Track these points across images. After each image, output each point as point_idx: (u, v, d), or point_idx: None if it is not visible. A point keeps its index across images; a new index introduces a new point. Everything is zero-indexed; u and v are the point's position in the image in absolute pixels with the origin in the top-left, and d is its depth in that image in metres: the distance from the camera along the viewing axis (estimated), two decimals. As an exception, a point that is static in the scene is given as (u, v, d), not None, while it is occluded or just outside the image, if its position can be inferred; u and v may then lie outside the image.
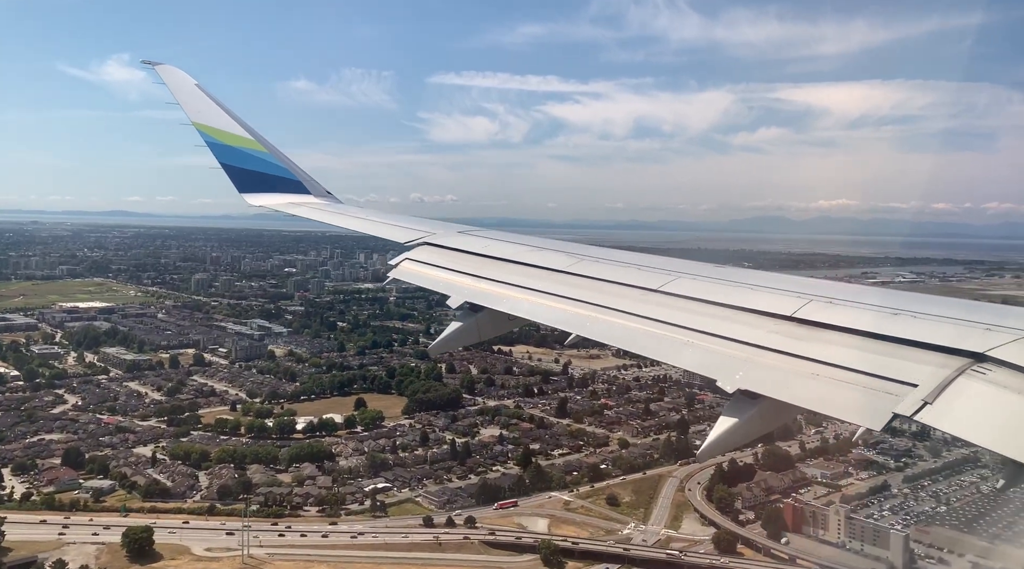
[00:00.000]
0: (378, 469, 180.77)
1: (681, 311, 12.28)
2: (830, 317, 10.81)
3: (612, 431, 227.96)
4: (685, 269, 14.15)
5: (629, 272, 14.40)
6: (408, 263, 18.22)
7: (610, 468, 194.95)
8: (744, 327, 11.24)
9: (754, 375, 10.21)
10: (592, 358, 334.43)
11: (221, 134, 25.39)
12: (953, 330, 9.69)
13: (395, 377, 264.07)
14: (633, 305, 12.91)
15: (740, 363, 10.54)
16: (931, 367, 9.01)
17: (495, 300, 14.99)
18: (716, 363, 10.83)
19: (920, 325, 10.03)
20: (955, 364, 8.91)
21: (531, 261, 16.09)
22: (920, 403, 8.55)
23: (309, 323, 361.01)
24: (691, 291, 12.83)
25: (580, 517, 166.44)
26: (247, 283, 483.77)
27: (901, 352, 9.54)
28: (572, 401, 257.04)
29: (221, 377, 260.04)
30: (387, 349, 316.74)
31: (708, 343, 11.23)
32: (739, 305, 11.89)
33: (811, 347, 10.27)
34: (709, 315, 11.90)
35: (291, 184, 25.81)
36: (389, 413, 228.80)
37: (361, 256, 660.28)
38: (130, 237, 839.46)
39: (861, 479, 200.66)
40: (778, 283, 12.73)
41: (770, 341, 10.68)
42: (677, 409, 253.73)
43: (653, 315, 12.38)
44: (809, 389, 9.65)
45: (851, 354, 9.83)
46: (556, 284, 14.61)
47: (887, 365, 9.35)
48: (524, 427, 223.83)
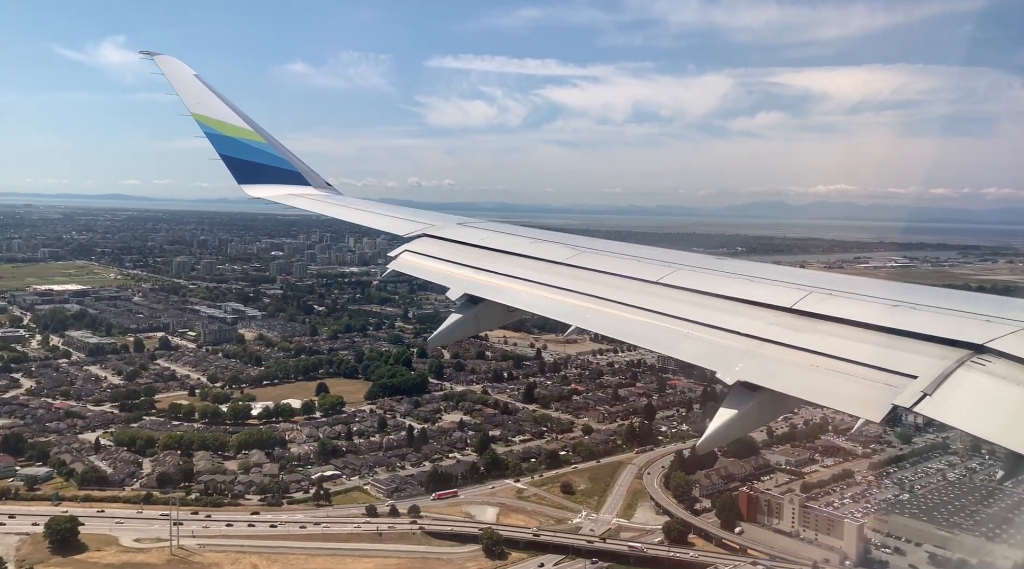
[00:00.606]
0: (329, 456, 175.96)
1: (680, 303, 12.20)
2: (830, 309, 10.67)
3: (578, 417, 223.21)
4: (684, 261, 14.09)
5: (628, 264, 14.29)
6: (408, 255, 18.14)
7: (570, 455, 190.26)
8: (744, 319, 11.13)
9: (753, 367, 10.08)
10: (569, 343, 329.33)
11: (220, 125, 25.22)
12: (953, 321, 9.58)
13: (363, 362, 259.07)
14: (633, 297, 12.78)
15: (740, 355, 10.44)
16: (930, 358, 8.88)
17: (495, 292, 14.84)
18: (715, 355, 10.70)
19: (920, 316, 9.90)
20: (954, 355, 8.80)
21: (530, 253, 15.95)
22: (919, 395, 8.40)
23: (285, 307, 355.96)
24: (690, 283, 12.72)
25: (532, 505, 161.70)
26: (230, 266, 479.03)
27: (901, 344, 9.42)
28: (542, 386, 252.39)
29: (186, 361, 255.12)
30: (361, 333, 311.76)
31: (707, 335, 11.15)
32: (738, 297, 11.79)
33: (810, 339, 10.17)
34: (708, 307, 11.82)
35: (290, 175, 25.73)
36: (352, 399, 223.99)
37: (351, 240, 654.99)
38: (122, 220, 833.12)
39: (826, 466, 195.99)
40: (778, 275, 12.62)
41: (770, 333, 10.58)
42: (648, 395, 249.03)
43: (653, 307, 12.30)
44: (808, 381, 9.51)
45: (850, 346, 9.73)
46: (555, 276, 14.50)
47: (886, 357, 9.23)
48: (488, 413, 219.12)
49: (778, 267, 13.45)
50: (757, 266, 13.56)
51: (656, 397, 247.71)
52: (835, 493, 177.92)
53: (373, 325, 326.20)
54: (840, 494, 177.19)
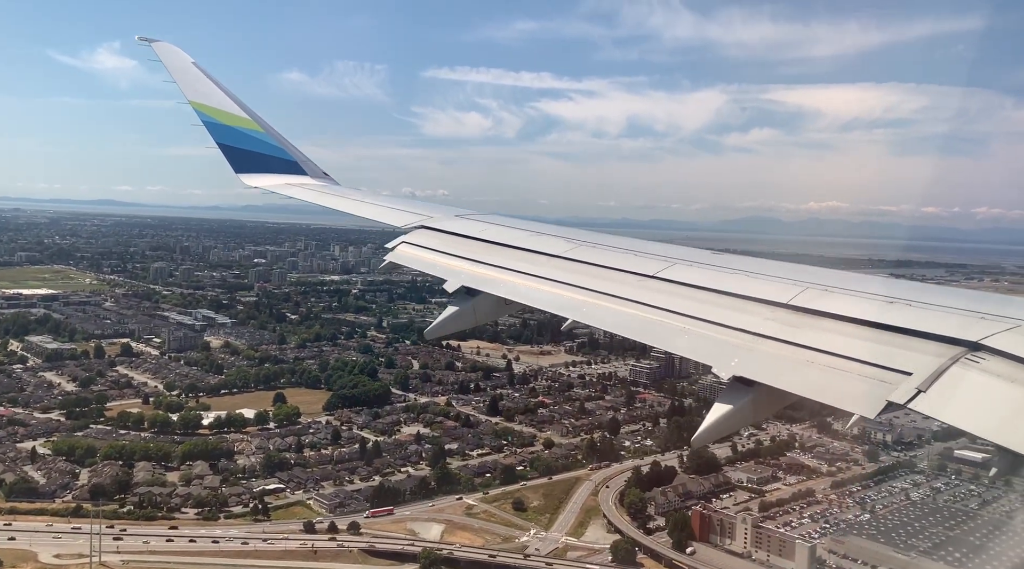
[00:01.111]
0: (275, 469, 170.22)
1: (677, 297, 12.00)
2: (826, 305, 10.55)
3: (541, 430, 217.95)
4: (682, 256, 13.86)
5: (626, 258, 14.00)
6: (405, 247, 17.67)
7: (527, 470, 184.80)
8: (740, 314, 10.98)
9: (749, 362, 10.01)
10: (543, 354, 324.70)
11: (218, 113, 24.72)
12: (948, 319, 9.47)
13: (327, 371, 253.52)
14: (630, 291, 12.61)
15: (735, 350, 10.33)
16: (926, 356, 8.86)
17: (492, 284, 14.61)
18: (711, 350, 10.59)
19: (916, 314, 9.79)
20: (950, 353, 8.75)
21: (528, 246, 15.64)
22: (914, 391, 8.38)
23: (257, 314, 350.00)
24: (687, 278, 12.50)
25: (479, 523, 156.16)
26: (209, 273, 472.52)
27: (896, 340, 9.35)
28: (508, 398, 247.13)
29: (146, 368, 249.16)
30: (331, 342, 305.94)
31: (704, 330, 11.00)
32: (735, 292, 11.55)
33: (806, 335, 10.04)
34: (705, 302, 11.61)
35: (288, 164, 25.17)
36: (310, 409, 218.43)
37: (335, 248, 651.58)
38: (109, 225, 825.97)
39: (788, 484, 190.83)
40: (774, 270, 12.37)
41: (766, 328, 10.46)
42: (615, 408, 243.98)
43: (649, 301, 12.13)
44: (804, 376, 9.46)
45: (846, 342, 9.63)
46: (553, 269, 14.23)
47: (882, 353, 9.20)
48: (448, 425, 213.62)
49: (775, 263, 13.08)
50: (754, 262, 13.30)
51: (623, 411, 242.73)
52: (794, 512, 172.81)
53: (345, 334, 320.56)
54: (799, 513, 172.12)
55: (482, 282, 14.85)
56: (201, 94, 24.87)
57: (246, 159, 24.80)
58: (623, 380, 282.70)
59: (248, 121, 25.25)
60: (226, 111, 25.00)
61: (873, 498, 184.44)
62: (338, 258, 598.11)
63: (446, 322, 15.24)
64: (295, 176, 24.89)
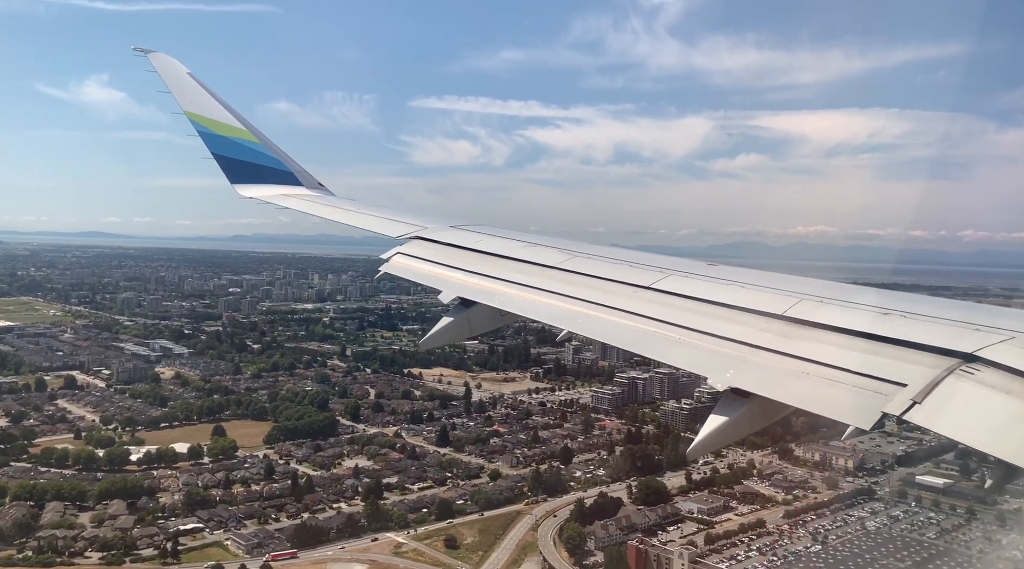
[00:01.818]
0: (197, 507, 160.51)
1: (672, 308, 11.84)
2: (821, 316, 10.42)
3: (491, 461, 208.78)
4: (677, 267, 13.62)
5: (621, 269, 13.76)
6: (399, 257, 17.27)
7: (467, 504, 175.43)
8: (735, 325, 10.85)
9: (745, 373, 9.89)
10: (507, 381, 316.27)
11: (213, 124, 24.31)
12: (943, 330, 9.38)
13: (275, 402, 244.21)
14: (625, 302, 12.45)
15: (731, 361, 10.22)
16: (921, 367, 8.79)
17: (487, 295, 14.45)
18: (707, 361, 10.49)
19: (910, 325, 9.68)
20: (945, 364, 8.69)
21: (524, 257, 15.39)
22: (909, 403, 8.30)
23: (217, 344, 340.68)
24: (682, 289, 12.37)
25: (406, 563, 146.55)
26: (179, 303, 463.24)
27: (891, 352, 9.24)
28: (462, 428, 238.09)
29: (88, 402, 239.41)
30: (288, 372, 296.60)
31: (699, 341, 10.88)
32: (730, 303, 11.42)
33: (801, 346, 9.92)
34: (700, 313, 11.48)
35: (283, 175, 24.75)
36: (251, 442, 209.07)
37: (315, 276, 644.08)
38: (90, 257, 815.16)
39: (740, 514, 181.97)
40: (769, 282, 12.17)
41: (761, 339, 10.34)
42: (572, 436, 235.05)
43: (645, 312, 11.97)
44: (799, 388, 9.36)
45: (841, 353, 9.52)
46: (548, 280, 14.03)
47: (877, 364, 9.10)
48: (392, 458, 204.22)
49: (770, 274, 12.77)
50: (749, 273, 12.95)
51: (580, 439, 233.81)
52: (742, 545, 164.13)
53: (304, 363, 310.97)
54: (747, 546, 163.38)
55: (477, 293, 14.63)
56: (196, 105, 24.48)
57: (241, 170, 24.34)
58: (585, 407, 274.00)
59: (243, 131, 24.78)
60: (221, 122, 24.55)
61: (827, 528, 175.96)
62: (315, 286, 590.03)
63: (441, 332, 14.98)
64: (290, 186, 24.39)
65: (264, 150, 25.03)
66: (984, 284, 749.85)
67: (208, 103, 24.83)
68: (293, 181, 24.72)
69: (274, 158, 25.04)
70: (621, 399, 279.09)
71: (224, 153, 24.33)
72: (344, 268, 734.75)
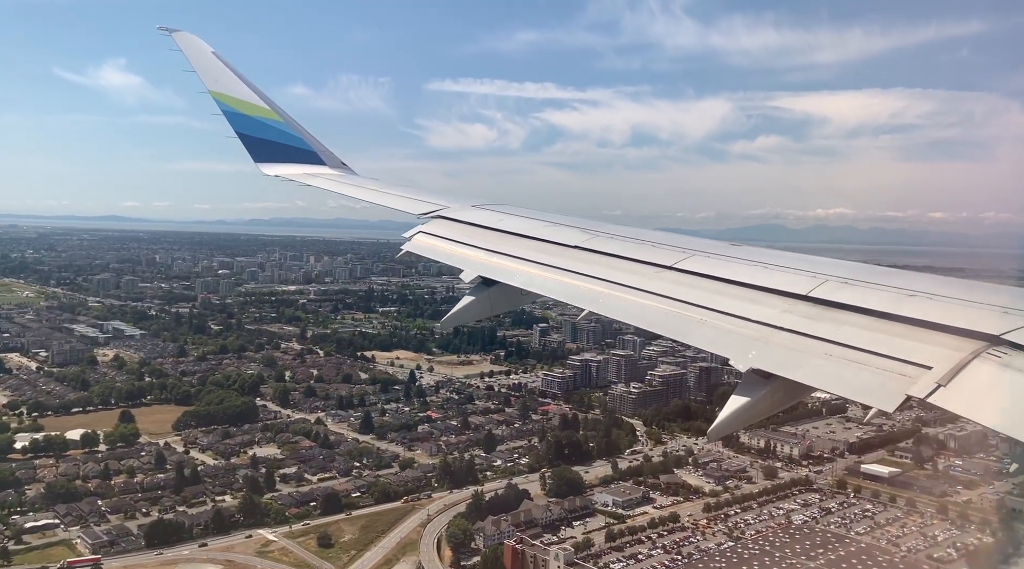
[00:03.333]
0: (59, 500, 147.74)
1: (694, 289, 11.59)
2: (844, 297, 10.10)
3: (410, 449, 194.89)
4: (699, 247, 13.29)
5: (643, 249, 13.47)
6: (422, 236, 17.05)
7: (361, 497, 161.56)
8: (758, 306, 10.58)
9: (767, 354, 9.69)
10: (464, 364, 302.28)
11: (237, 103, 24.06)
12: (969, 312, 9.04)
13: (206, 386, 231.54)
14: (646, 282, 12.21)
15: (753, 342, 10.00)
16: (946, 349, 8.49)
17: (508, 275, 14.21)
18: (729, 341, 10.26)
19: (935, 307, 9.37)
20: (970, 347, 8.38)
21: (545, 236, 15.03)
22: (934, 385, 8.03)
23: (176, 326, 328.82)
24: (705, 269, 12.09)
25: (268, 564, 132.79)
26: (158, 284, 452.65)
27: (916, 334, 8.99)
28: (396, 413, 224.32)
29: (9, 385, 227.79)
30: (237, 355, 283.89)
31: (721, 321, 10.64)
32: (753, 284, 11.15)
33: (825, 327, 9.67)
34: (722, 293, 11.22)
35: (306, 154, 24.41)
36: (161, 428, 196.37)
37: (311, 258, 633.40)
38: (96, 240, 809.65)
39: (659, 507, 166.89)
40: (792, 262, 11.85)
41: (783, 320, 10.09)
42: (509, 422, 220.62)
43: (666, 292, 11.75)
44: (822, 369, 9.11)
45: (865, 335, 9.27)
46: (570, 260, 13.79)
47: (901, 346, 8.83)
48: (303, 446, 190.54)
49: (793, 254, 12.48)
50: (772, 253, 12.69)
51: (517, 425, 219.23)
52: (648, 542, 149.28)
53: (256, 346, 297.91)
54: (653, 543, 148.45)
55: (498, 272, 14.36)
56: (221, 84, 24.06)
57: (265, 149, 23.96)
58: (532, 391, 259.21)
59: (267, 110, 24.43)
60: (245, 101, 24.16)
61: (749, 522, 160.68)
62: (307, 268, 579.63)
63: (462, 311, 14.83)
64: (314, 166, 23.95)
65: (288, 129, 24.55)
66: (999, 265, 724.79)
67: (233, 83, 24.43)
68: (316, 160, 24.26)
69: (298, 137, 24.56)
70: (572, 383, 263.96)
71: (248, 132, 23.92)
72: (350, 251, 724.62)
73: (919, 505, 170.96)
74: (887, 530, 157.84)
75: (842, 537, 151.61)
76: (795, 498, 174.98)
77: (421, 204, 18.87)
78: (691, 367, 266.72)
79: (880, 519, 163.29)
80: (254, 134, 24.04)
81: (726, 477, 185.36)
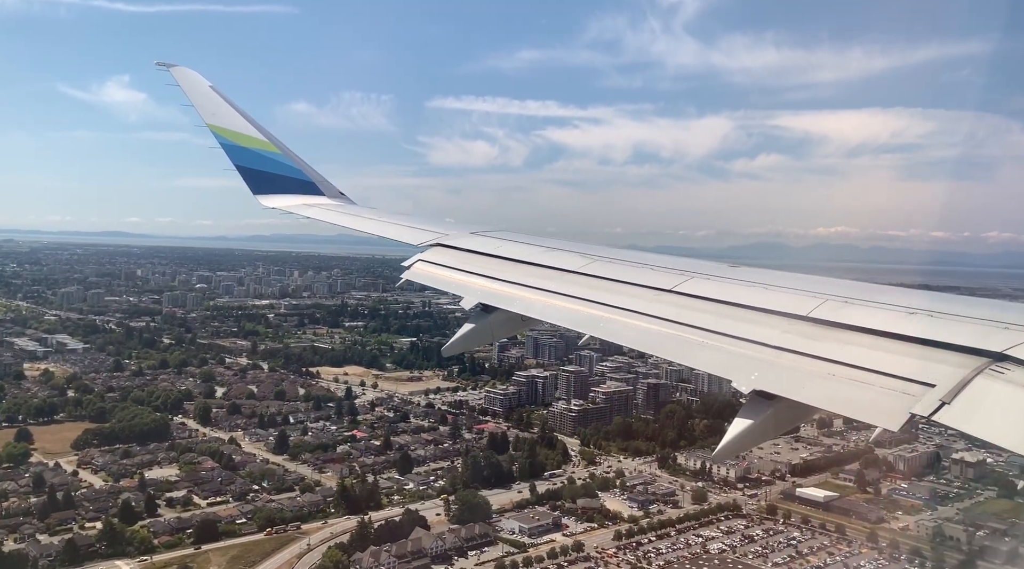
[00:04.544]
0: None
1: (695, 311, 11.43)
2: (846, 317, 10.01)
3: (321, 470, 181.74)
4: (698, 269, 13.16)
5: (642, 272, 13.37)
6: (421, 264, 17.03)
7: (243, 524, 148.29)
8: (759, 327, 10.45)
9: (769, 375, 9.51)
10: (412, 380, 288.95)
11: (235, 135, 24.02)
12: (972, 329, 8.93)
13: (126, 402, 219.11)
14: (646, 305, 12.06)
15: (755, 363, 9.83)
16: (949, 367, 8.33)
17: (508, 301, 14.10)
18: (731, 363, 10.08)
19: (938, 324, 9.29)
20: (973, 364, 8.25)
21: (544, 262, 15.01)
22: (938, 403, 7.87)
23: (127, 340, 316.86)
24: (705, 291, 11.97)
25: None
26: (126, 297, 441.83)
27: (918, 352, 8.87)
28: (321, 432, 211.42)
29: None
30: (177, 370, 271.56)
31: (722, 343, 10.49)
32: (753, 305, 11.01)
33: (827, 347, 9.52)
34: (723, 315, 11.07)
35: (304, 185, 24.33)
36: (61, 447, 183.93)
37: (295, 273, 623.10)
38: (87, 254, 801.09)
39: (568, 535, 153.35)
40: (793, 283, 11.74)
41: (785, 341, 9.94)
42: (439, 442, 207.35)
43: (667, 315, 11.56)
44: (825, 389, 8.97)
45: (867, 354, 9.13)
46: (569, 284, 13.68)
47: (904, 365, 8.69)
48: (204, 467, 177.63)
49: (793, 275, 12.40)
50: (772, 274, 12.57)
51: (447, 444, 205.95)
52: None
53: (199, 361, 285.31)
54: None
55: (498, 299, 14.27)
56: (218, 117, 24.18)
57: (263, 180, 23.93)
58: (473, 409, 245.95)
59: (265, 142, 24.28)
60: (243, 133, 24.11)
61: (662, 551, 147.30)
62: (287, 283, 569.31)
63: (463, 339, 14.71)
64: (312, 196, 24.01)
65: (285, 161, 24.44)
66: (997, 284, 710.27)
67: (229, 115, 24.37)
68: (315, 190, 24.18)
69: (295, 168, 24.47)
70: (517, 400, 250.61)
71: (246, 164, 23.77)
72: (344, 266, 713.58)
73: (850, 532, 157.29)
74: (808, 560, 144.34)
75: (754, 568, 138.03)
76: (719, 525, 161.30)
77: (419, 232, 18.80)
78: (640, 384, 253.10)
79: (804, 548, 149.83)
80: (252, 166, 23.87)
81: (651, 501, 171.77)
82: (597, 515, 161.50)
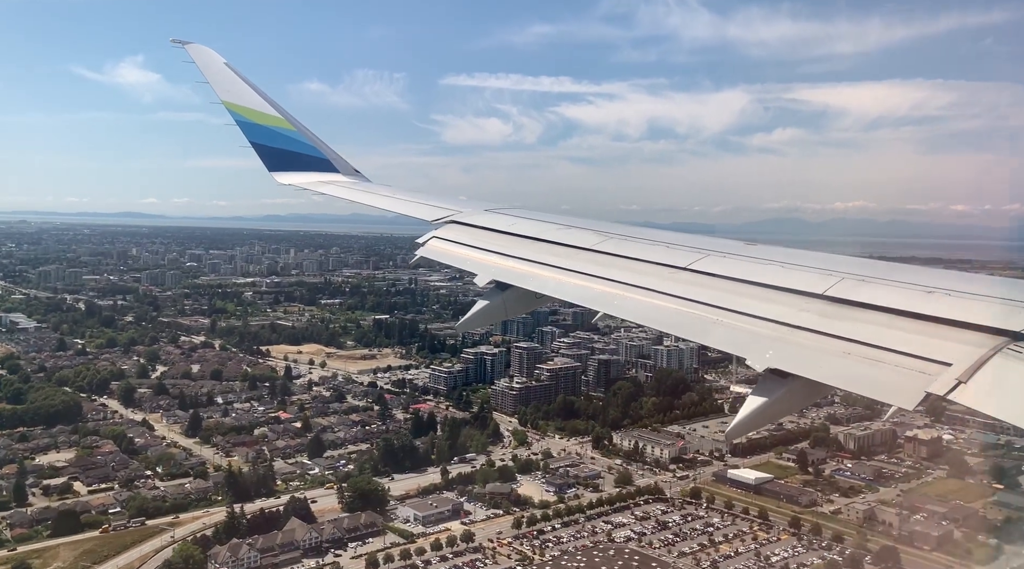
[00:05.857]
0: None
1: (710, 289, 11.15)
2: (862, 295, 9.79)
3: (229, 454, 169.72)
4: (714, 247, 12.78)
5: (657, 250, 12.98)
6: (435, 241, 16.66)
7: (112, 515, 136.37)
8: (774, 305, 10.23)
9: (784, 354, 9.33)
10: (366, 358, 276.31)
11: (250, 113, 23.54)
12: (989, 308, 8.73)
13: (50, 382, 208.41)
14: (661, 284, 11.70)
15: (770, 342, 9.66)
16: (965, 346, 8.14)
17: (522, 278, 13.74)
18: (745, 342, 9.91)
19: (955, 303, 9.04)
20: (990, 343, 8.03)
21: (558, 239, 14.57)
22: (954, 382, 7.71)
23: (85, 318, 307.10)
24: (720, 269, 11.62)
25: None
26: (106, 277, 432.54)
27: (935, 330, 8.64)
28: (247, 413, 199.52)
29: None
30: (124, 349, 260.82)
31: (737, 321, 10.28)
32: (769, 283, 10.77)
33: (842, 325, 9.34)
34: (738, 293, 10.81)
35: (320, 162, 23.95)
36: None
37: (292, 252, 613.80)
38: (96, 235, 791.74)
39: (466, 523, 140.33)
40: (809, 261, 11.37)
41: (800, 319, 9.75)
42: (366, 423, 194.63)
43: (682, 293, 11.30)
44: (840, 368, 8.81)
45: (883, 332, 8.92)
46: (584, 262, 13.32)
47: (920, 343, 8.46)
48: (102, 451, 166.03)
49: (809, 253, 11.93)
50: (787, 252, 12.07)
51: (373, 426, 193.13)
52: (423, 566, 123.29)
53: (149, 340, 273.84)
54: None
55: (512, 276, 13.91)
56: (234, 94, 23.74)
57: (279, 158, 23.43)
58: (416, 388, 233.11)
59: (280, 120, 23.88)
60: (258, 110, 23.73)
61: (564, 540, 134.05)
62: (272, 260, 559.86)
63: (477, 316, 14.49)
64: (327, 173, 23.59)
65: (301, 138, 23.97)
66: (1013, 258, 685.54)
67: (245, 92, 23.97)
68: (330, 168, 23.78)
69: (311, 146, 24.02)
70: (464, 378, 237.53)
71: (261, 141, 23.32)
72: (353, 245, 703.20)
73: (776, 517, 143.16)
74: (719, 549, 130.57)
75: (655, 559, 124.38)
76: (636, 510, 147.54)
77: (434, 209, 18.36)
78: (590, 360, 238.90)
79: (719, 535, 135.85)
80: (268, 143, 23.46)
81: (570, 485, 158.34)
82: (505, 501, 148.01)
